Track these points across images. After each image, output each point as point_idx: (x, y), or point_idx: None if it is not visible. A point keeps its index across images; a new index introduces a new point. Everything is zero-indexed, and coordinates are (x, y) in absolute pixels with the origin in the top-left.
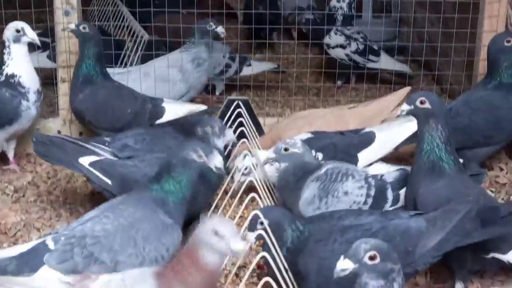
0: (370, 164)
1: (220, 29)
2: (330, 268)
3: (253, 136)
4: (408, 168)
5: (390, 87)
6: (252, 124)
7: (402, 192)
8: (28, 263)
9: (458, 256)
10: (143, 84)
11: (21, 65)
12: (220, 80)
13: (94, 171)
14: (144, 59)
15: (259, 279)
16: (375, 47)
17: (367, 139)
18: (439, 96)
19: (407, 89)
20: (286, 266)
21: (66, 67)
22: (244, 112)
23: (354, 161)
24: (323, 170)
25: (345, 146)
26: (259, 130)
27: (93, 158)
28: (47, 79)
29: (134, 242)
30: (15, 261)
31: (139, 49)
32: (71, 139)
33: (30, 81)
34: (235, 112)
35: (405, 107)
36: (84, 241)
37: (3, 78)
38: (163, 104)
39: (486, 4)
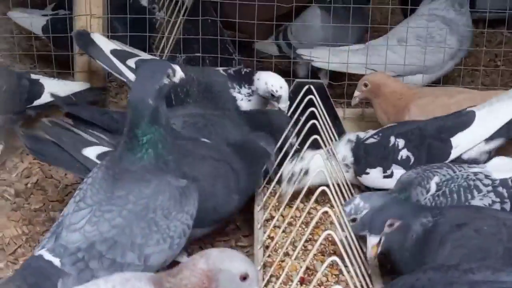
0: (488, 159)
1: None
2: None
3: (327, 131)
4: None
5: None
6: (327, 116)
7: None
8: None
9: None
10: (394, 55)
11: None
12: None
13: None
14: None
15: None
16: None
17: (464, 120)
18: None
19: None
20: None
21: None
22: (317, 100)
23: (447, 148)
24: (428, 194)
25: (434, 130)
26: (337, 123)
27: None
28: None
29: (156, 224)
30: None
31: None
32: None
33: None
34: (305, 100)
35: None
36: (95, 250)
37: None
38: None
39: None
